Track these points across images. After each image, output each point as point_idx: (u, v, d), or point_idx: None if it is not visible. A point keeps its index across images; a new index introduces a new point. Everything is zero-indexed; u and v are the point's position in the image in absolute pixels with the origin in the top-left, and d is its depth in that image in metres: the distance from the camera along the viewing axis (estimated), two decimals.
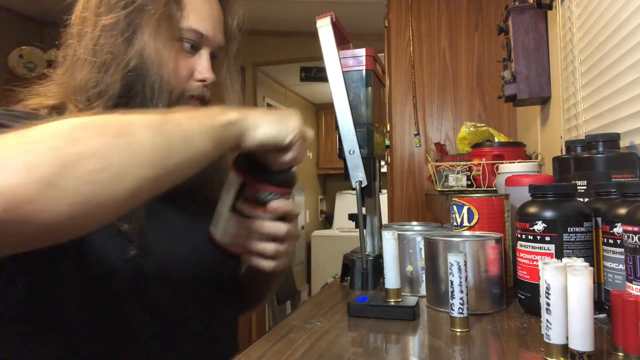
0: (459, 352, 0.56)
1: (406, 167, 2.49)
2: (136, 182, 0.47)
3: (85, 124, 0.47)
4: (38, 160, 0.42)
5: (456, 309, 0.61)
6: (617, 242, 0.59)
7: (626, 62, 0.94)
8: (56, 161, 0.42)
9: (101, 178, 0.44)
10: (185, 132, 0.53)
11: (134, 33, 0.69)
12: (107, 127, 0.48)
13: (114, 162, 0.45)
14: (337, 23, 0.86)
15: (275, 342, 0.60)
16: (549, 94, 1.49)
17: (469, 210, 0.79)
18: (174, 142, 0.51)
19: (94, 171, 0.44)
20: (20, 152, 0.42)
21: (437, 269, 0.72)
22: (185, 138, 0.52)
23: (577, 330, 0.47)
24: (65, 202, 0.42)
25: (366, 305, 0.70)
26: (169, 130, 0.52)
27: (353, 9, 3.20)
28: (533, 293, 0.66)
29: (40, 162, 0.42)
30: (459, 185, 1.57)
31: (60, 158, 0.42)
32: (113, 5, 0.69)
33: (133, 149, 0.47)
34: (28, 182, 0.40)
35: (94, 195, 0.44)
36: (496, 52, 2.32)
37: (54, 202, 0.42)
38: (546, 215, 0.65)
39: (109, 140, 0.46)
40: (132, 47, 0.68)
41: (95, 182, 0.44)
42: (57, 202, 0.42)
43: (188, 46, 0.74)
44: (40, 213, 0.41)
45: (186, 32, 0.73)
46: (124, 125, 0.49)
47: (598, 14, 1.08)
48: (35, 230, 0.43)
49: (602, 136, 0.81)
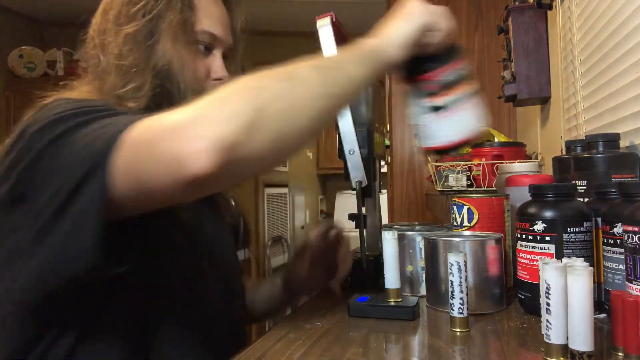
0: (459, 352, 0.56)
1: (406, 167, 2.49)
2: (313, 113, 0.56)
3: (259, 78, 0.55)
4: (239, 110, 0.50)
5: (456, 309, 0.61)
6: (617, 242, 0.59)
7: (626, 62, 0.94)
8: (252, 108, 0.50)
9: (287, 115, 0.53)
10: (340, 64, 0.62)
11: (155, 39, 0.72)
12: (278, 76, 0.56)
13: (293, 100, 0.54)
14: (337, 23, 0.86)
15: (275, 342, 0.60)
16: (549, 94, 1.49)
17: (469, 210, 0.79)
18: (333, 74, 0.60)
19: (280, 110, 0.52)
20: (221, 109, 0.50)
21: (437, 269, 0.72)
22: (341, 69, 0.61)
23: (577, 330, 0.47)
24: (267, 139, 0.51)
25: (366, 305, 0.70)
26: (327, 65, 0.62)
27: (353, 9, 3.20)
28: (533, 293, 0.66)
29: (240, 112, 0.50)
30: (459, 185, 1.57)
31: (253, 105, 0.51)
32: (133, 15, 0.72)
33: (304, 87, 0.56)
34: (237, 129, 0.48)
35: (284, 129, 0.53)
36: (496, 52, 2.32)
37: (257, 141, 0.50)
38: (546, 215, 0.65)
39: (283, 84, 0.55)
40: (155, 52, 0.72)
41: (283, 119, 0.53)
42: (260, 141, 0.50)
43: (202, 48, 0.78)
44: (250, 152, 0.50)
45: (201, 35, 0.77)
46: (289, 71, 0.57)
47: (598, 14, 1.08)
48: (247, 168, 0.52)
49: (602, 136, 0.81)
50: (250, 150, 0.50)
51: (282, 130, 0.53)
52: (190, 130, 0.49)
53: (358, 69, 0.62)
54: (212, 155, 0.47)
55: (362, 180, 0.84)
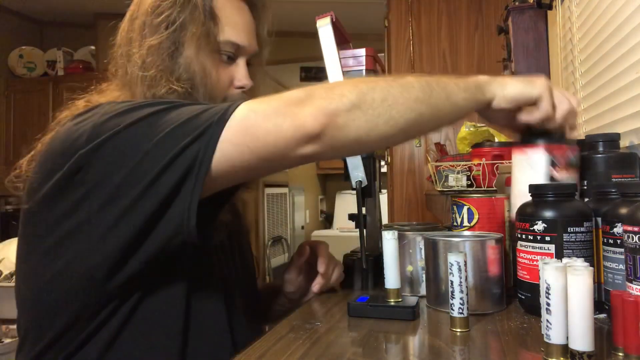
0: (459, 352, 0.56)
1: (406, 167, 2.49)
2: (409, 114, 0.63)
3: (368, 77, 0.66)
4: (345, 93, 0.61)
5: (456, 309, 0.61)
6: (617, 242, 0.59)
7: (626, 62, 0.94)
8: (356, 93, 0.61)
9: (386, 107, 0.62)
10: (445, 84, 0.67)
11: (177, 50, 0.74)
12: (386, 78, 0.67)
13: (395, 97, 0.62)
14: (337, 23, 0.86)
15: (275, 342, 0.60)
16: None
17: (469, 210, 0.79)
18: (437, 87, 0.66)
19: (382, 100, 0.62)
20: (332, 91, 0.62)
21: (437, 269, 0.72)
22: (445, 87, 0.67)
23: (577, 330, 0.47)
24: (363, 120, 0.61)
25: (366, 305, 0.70)
26: (432, 80, 0.67)
27: (353, 9, 3.20)
28: (533, 293, 0.66)
29: (347, 93, 0.61)
30: (459, 185, 1.57)
31: (358, 90, 0.62)
32: (156, 26, 0.74)
33: (408, 89, 0.64)
34: (341, 105, 0.60)
35: (380, 119, 0.62)
36: (496, 52, 2.32)
37: (356, 119, 0.61)
38: (546, 215, 0.65)
39: (390, 82, 0.64)
40: (178, 63, 0.74)
41: (383, 109, 0.61)
42: (357, 119, 0.61)
43: (226, 57, 0.79)
44: (348, 125, 0.61)
45: (224, 45, 0.78)
46: (397, 77, 0.66)
47: (598, 14, 1.08)
48: (345, 139, 0.61)
49: (602, 136, 0.80)
50: (348, 124, 0.60)
51: (379, 119, 0.61)
52: (306, 101, 0.60)
53: (459, 93, 0.68)
54: (320, 117, 0.59)
55: (362, 180, 0.84)
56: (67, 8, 3.95)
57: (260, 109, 0.61)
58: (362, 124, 0.61)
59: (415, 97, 0.63)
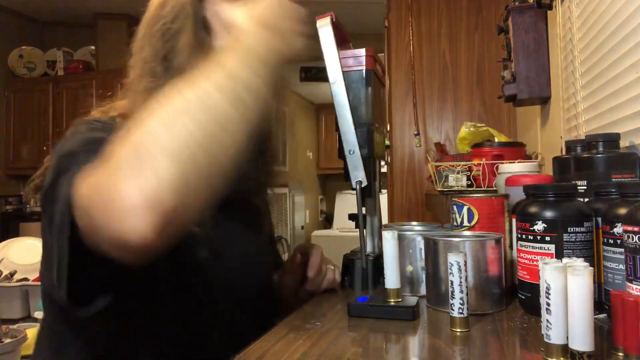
0: (459, 352, 0.56)
1: (406, 167, 2.49)
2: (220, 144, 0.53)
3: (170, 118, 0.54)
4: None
5: (456, 309, 0.61)
6: (617, 242, 0.59)
7: (626, 62, 0.94)
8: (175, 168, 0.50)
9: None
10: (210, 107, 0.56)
11: (171, 60, 0.75)
12: None
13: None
14: (337, 23, 0.86)
15: (275, 342, 0.60)
16: (549, 94, 1.49)
17: (469, 210, 0.79)
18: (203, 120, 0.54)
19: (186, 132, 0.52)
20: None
21: (437, 269, 0.72)
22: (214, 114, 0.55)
23: (577, 330, 0.47)
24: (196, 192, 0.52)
25: (366, 305, 0.70)
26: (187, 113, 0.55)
27: (353, 9, 3.20)
28: (533, 293, 0.66)
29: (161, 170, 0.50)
30: (459, 185, 1.57)
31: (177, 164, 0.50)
32: (151, 36, 0.76)
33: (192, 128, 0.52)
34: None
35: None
36: (496, 52, 2.31)
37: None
38: (546, 215, 0.65)
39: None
40: (172, 73, 0.73)
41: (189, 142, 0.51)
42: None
43: None
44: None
45: None
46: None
47: (598, 14, 1.08)
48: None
49: (602, 136, 0.81)
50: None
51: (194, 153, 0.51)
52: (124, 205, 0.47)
53: (233, 101, 0.60)
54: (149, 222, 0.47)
55: (362, 180, 0.84)
56: (67, 8, 3.95)
57: (86, 198, 0.52)
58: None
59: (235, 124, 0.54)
